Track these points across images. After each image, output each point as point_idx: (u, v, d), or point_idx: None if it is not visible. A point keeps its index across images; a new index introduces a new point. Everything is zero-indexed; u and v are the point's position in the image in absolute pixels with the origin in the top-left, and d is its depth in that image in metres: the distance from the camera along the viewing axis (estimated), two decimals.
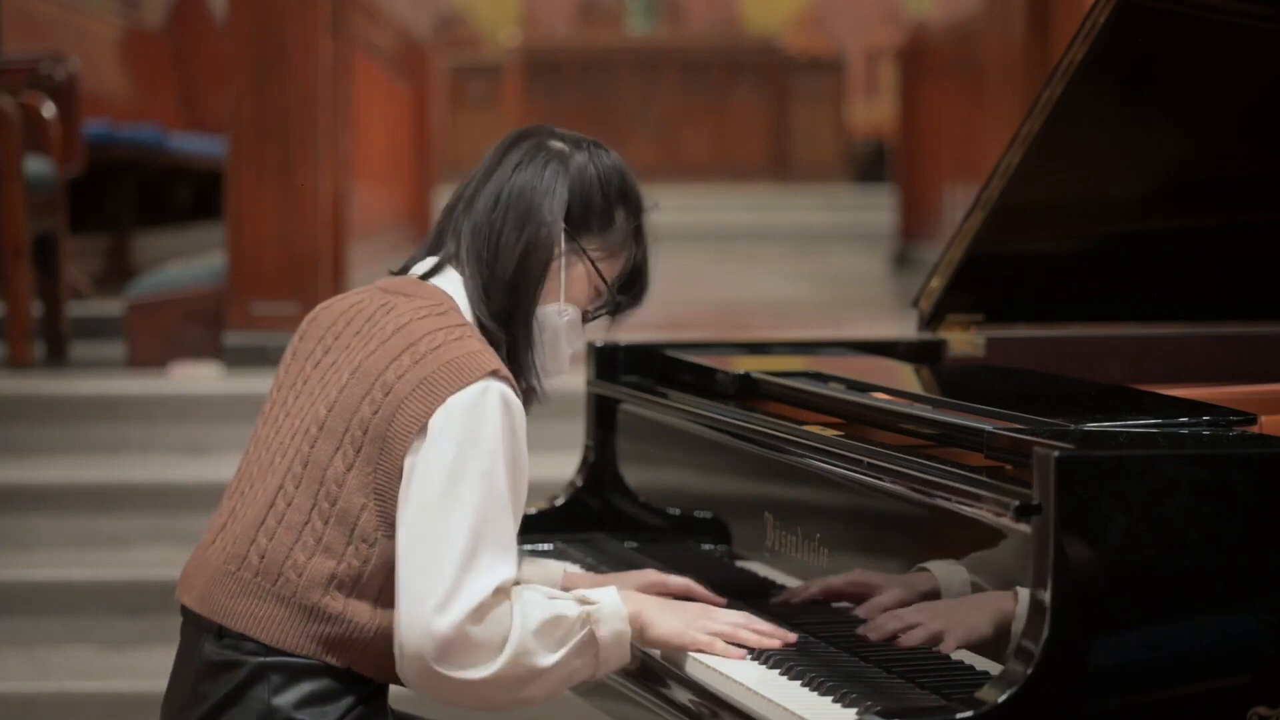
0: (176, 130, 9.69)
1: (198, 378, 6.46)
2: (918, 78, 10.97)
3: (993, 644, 2.36)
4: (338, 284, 6.76)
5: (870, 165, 15.74)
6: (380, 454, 2.52)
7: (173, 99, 10.48)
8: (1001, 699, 2.17)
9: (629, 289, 2.76)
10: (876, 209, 12.96)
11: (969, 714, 2.17)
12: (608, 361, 3.41)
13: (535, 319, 2.67)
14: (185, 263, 7.96)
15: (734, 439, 2.98)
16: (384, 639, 2.54)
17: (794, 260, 12.28)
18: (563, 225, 2.66)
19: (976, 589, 2.43)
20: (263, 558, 2.56)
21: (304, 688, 2.53)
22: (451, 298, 2.64)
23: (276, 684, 2.53)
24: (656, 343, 3.46)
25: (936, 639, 2.47)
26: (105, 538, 5.60)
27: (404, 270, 2.73)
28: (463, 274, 2.65)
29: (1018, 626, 2.28)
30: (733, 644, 2.64)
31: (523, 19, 18.01)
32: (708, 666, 2.60)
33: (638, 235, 2.74)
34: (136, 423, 6.10)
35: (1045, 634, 2.19)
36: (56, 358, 6.91)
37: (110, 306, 7.35)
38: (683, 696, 2.60)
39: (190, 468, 5.85)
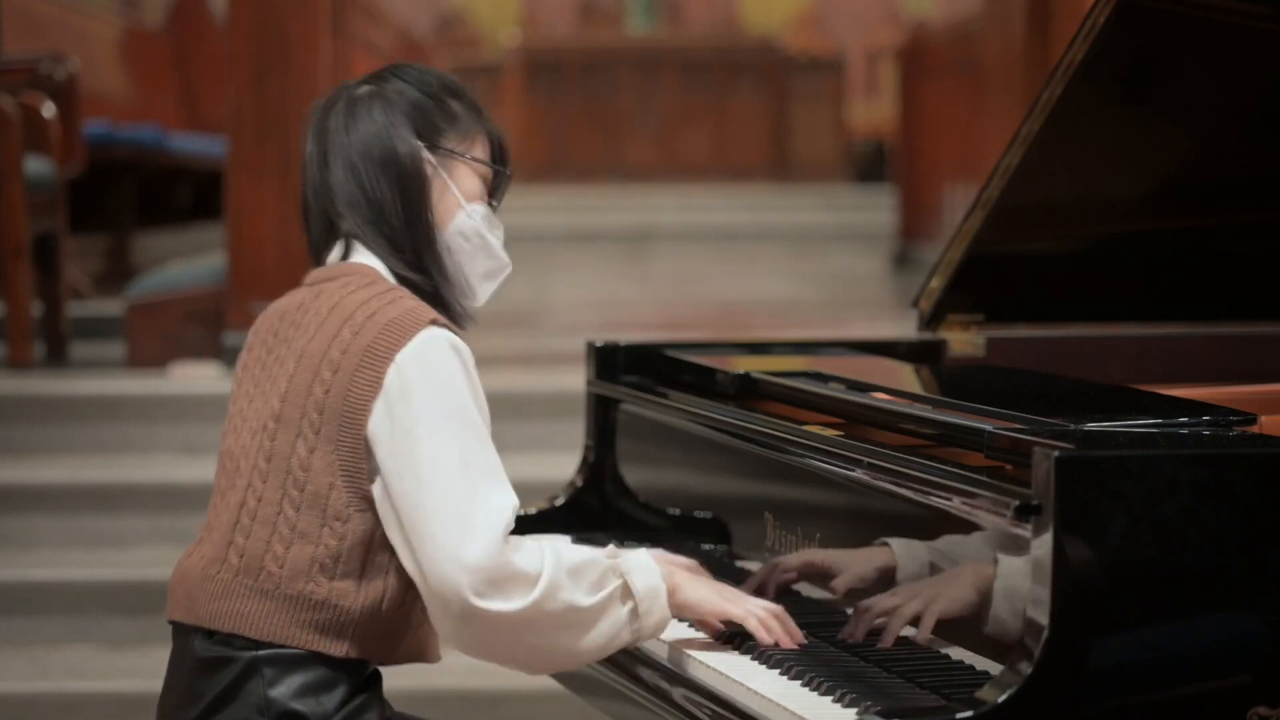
0: (176, 130, 9.69)
1: (198, 378, 6.46)
2: (918, 78, 10.97)
3: (974, 617, 2.36)
4: None
5: (870, 165, 15.74)
6: (340, 430, 2.54)
7: (173, 99, 10.48)
8: (1001, 699, 2.17)
9: (502, 159, 2.78)
10: (876, 209, 12.96)
11: (969, 714, 2.17)
12: (608, 361, 3.41)
13: (447, 242, 2.69)
14: (185, 263, 7.96)
15: (734, 439, 2.98)
16: (372, 617, 2.55)
17: (794, 260, 12.28)
18: (420, 144, 2.68)
19: (936, 570, 2.44)
20: (241, 556, 2.57)
21: (298, 678, 2.54)
22: (372, 268, 2.66)
23: (271, 677, 2.54)
24: (656, 343, 3.46)
25: (916, 615, 2.48)
26: (105, 538, 5.60)
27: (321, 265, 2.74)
28: (367, 245, 2.67)
29: (1011, 610, 2.28)
30: (762, 626, 2.63)
31: (523, 19, 18.01)
32: (708, 666, 2.60)
33: (474, 109, 2.76)
34: (136, 423, 6.10)
35: (1045, 634, 2.19)
36: (56, 358, 6.91)
37: (110, 306, 7.35)
38: (682, 697, 2.60)
39: (190, 468, 5.84)
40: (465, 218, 2.70)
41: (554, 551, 2.54)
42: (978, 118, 8.73)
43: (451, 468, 2.49)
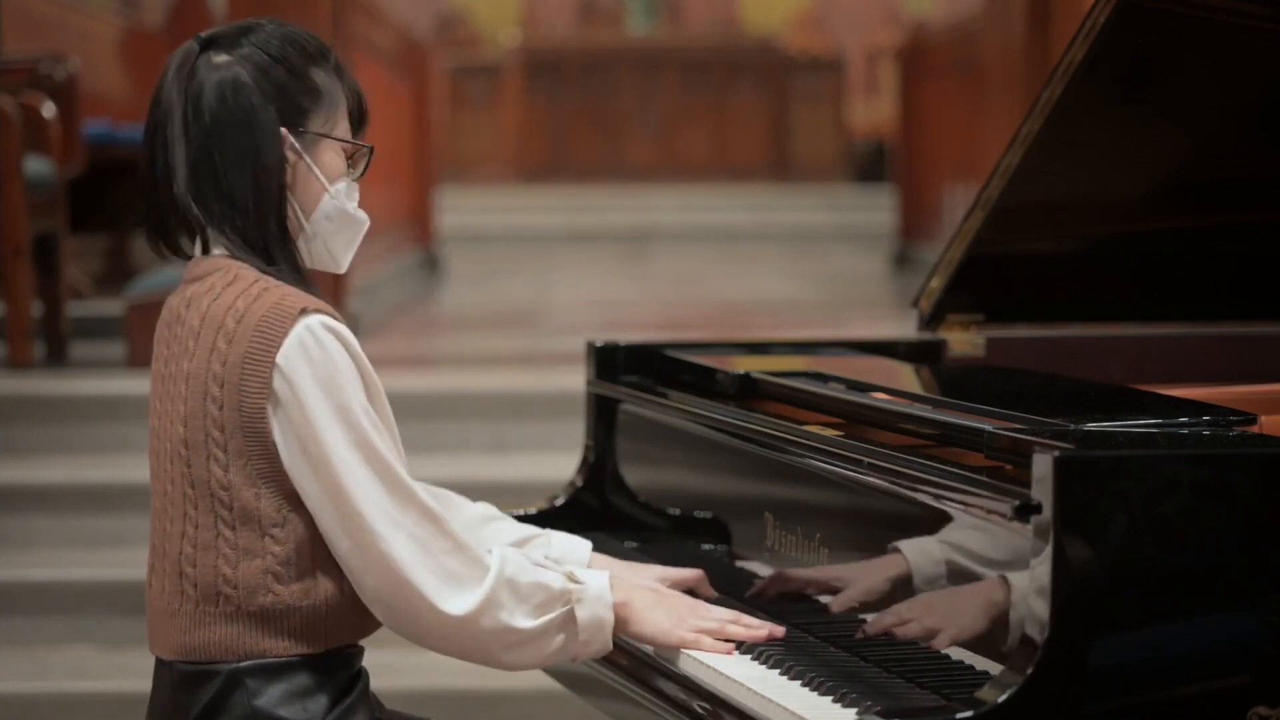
0: None
1: None
2: (918, 78, 10.97)
3: (988, 637, 2.36)
4: (337, 284, 6.76)
5: (870, 165, 15.74)
6: (246, 442, 2.51)
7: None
8: (1001, 699, 2.17)
9: (357, 120, 2.68)
10: (876, 209, 12.97)
11: (969, 714, 2.17)
12: (608, 361, 3.41)
13: (312, 228, 2.61)
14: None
15: (734, 439, 2.98)
16: (339, 604, 2.54)
17: (794, 260, 12.29)
18: (281, 133, 2.57)
19: (952, 570, 2.43)
20: (195, 586, 2.54)
21: (282, 685, 2.53)
22: (232, 261, 2.58)
23: (254, 688, 2.52)
24: (656, 343, 3.46)
25: (930, 635, 2.47)
26: (105, 538, 5.60)
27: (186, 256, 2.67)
28: (221, 236, 2.58)
29: (1015, 615, 2.28)
30: (721, 639, 2.63)
31: (523, 19, 18.01)
32: (707, 666, 2.60)
33: (338, 72, 2.65)
34: (136, 423, 6.05)
35: (1045, 634, 2.19)
36: (56, 358, 6.91)
37: (110, 306, 7.35)
38: (682, 696, 2.60)
39: None
40: (329, 199, 2.62)
41: (501, 558, 2.54)
42: (978, 118, 8.73)
43: (354, 462, 2.48)
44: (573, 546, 2.90)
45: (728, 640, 2.64)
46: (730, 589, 2.89)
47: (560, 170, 15.35)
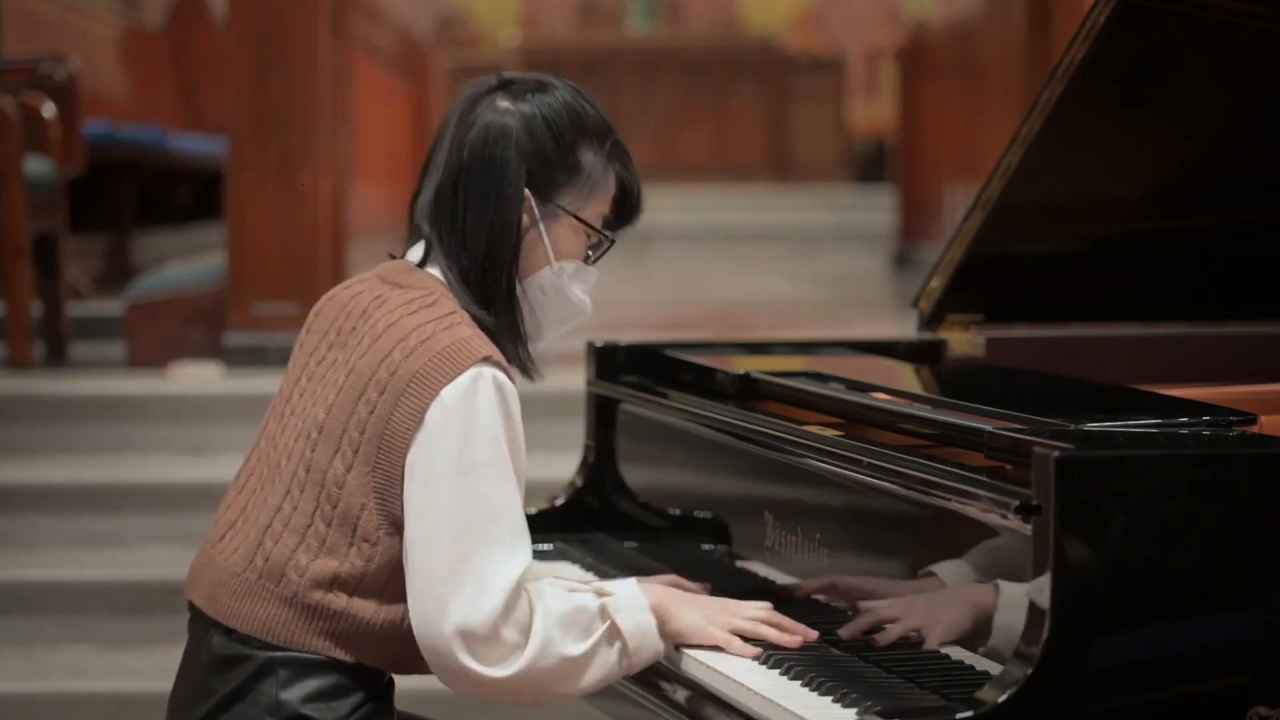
0: (176, 130, 9.69)
1: (198, 378, 6.46)
2: (918, 78, 10.97)
3: (972, 637, 2.36)
4: (337, 284, 6.76)
5: (870, 165, 15.74)
6: (379, 453, 2.52)
7: (173, 99, 10.47)
8: (1001, 699, 2.17)
9: (623, 210, 2.70)
10: (876, 209, 12.97)
11: (969, 714, 2.17)
12: (608, 361, 3.41)
13: (524, 290, 2.63)
14: (185, 263, 7.96)
15: (734, 439, 2.98)
16: (390, 632, 2.55)
17: (794, 260, 12.29)
18: (525, 195, 2.60)
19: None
20: (267, 560, 2.56)
21: (311, 683, 2.53)
22: (441, 284, 2.61)
23: (284, 679, 2.53)
24: (656, 343, 3.46)
25: (917, 633, 2.47)
26: (105, 538, 5.60)
27: (403, 255, 2.71)
28: (440, 264, 2.63)
29: (1002, 619, 2.28)
30: (753, 640, 2.62)
31: (523, 19, 18.01)
32: (707, 666, 2.60)
33: (612, 157, 2.68)
34: (136, 423, 6.09)
35: (1045, 634, 2.19)
36: (56, 358, 6.91)
37: (110, 306, 7.35)
38: (682, 696, 2.60)
39: (190, 468, 5.84)
40: (550, 274, 2.64)
41: (543, 605, 2.52)
42: (978, 118, 8.72)
43: (475, 521, 2.47)
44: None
45: (759, 641, 2.62)
46: (733, 591, 2.88)
47: None
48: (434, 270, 2.63)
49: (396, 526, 2.52)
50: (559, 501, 3.39)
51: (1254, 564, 2.24)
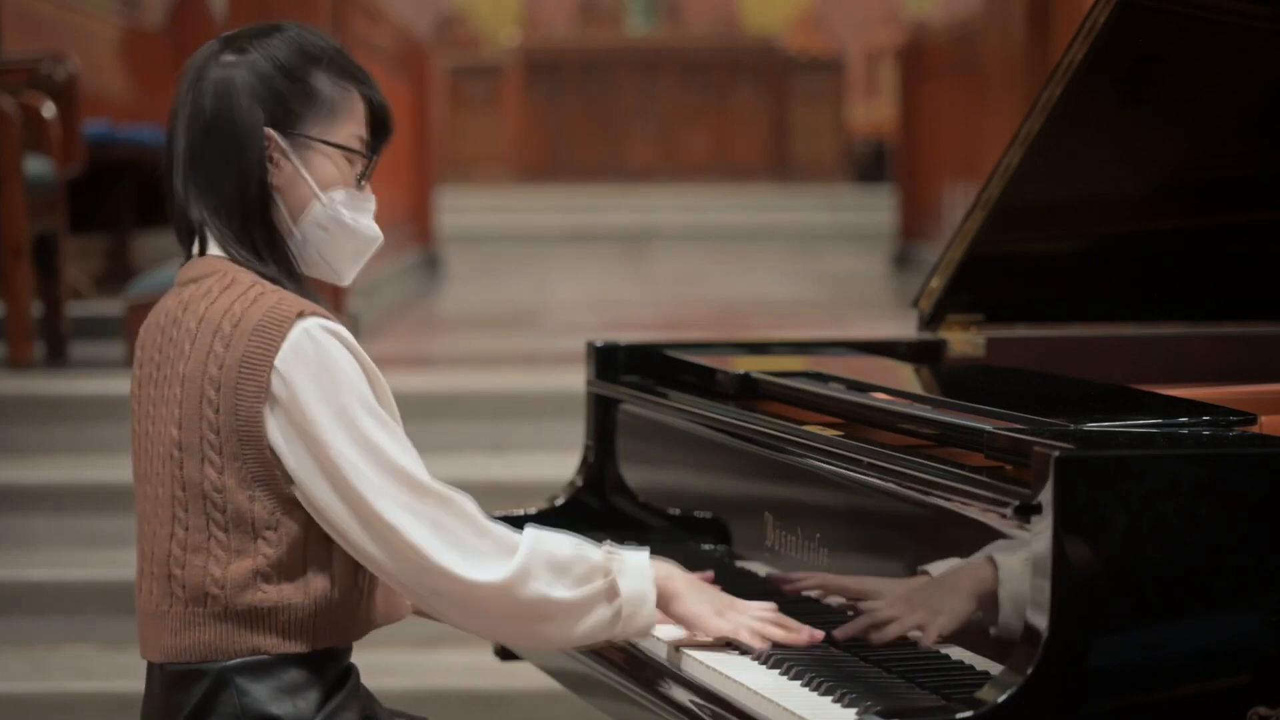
0: None
1: None
2: (918, 78, 10.97)
3: (977, 627, 2.36)
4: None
5: (870, 165, 15.74)
6: (241, 445, 2.50)
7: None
8: (1001, 699, 2.17)
9: (376, 123, 2.66)
10: (876, 209, 12.98)
11: (969, 714, 2.17)
12: (608, 361, 3.41)
13: (303, 233, 2.60)
14: None
15: (734, 439, 2.98)
16: (326, 603, 2.54)
17: (794, 260, 12.30)
18: (264, 134, 2.56)
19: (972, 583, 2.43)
20: (184, 587, 2.54)
21: (269, 683, 2.52)
22: (229, 263, 2.57)
23: (242, 686, 2.52)
24: (656, 343, 3.46)
25: (917, 630, 2.48)
26: (105, 538, 5.60)
27: (188, 256, 2.66)
28: (217, 238, 2.58)
29: (1006, 613, 2.28)
30: (760, 638, 2.62)
31: (523, 19, 18.01)
32: (707, 666, 2.60)
33: (344, 76, 2.63)
34: None
35: (1045, 634, 2.19)
36: (56, 358, 6.91)
37: (110, 306, 7.35)
38: (682, 696, 2.60)
39: None
40: (320, 208, 2.60)
41: (534, 535, 2.54)
42: (978, 118, 8.73)
43: (364, 462, 2.48)
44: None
45: (765, 640, 2.62)
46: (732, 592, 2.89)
47: (560, 170, 15.34)
48: (214, 250, 2.59)
49: (291, 503, 2.51)
50: (559, 501, 3.39)
51: (1254, 564, 2.24)
